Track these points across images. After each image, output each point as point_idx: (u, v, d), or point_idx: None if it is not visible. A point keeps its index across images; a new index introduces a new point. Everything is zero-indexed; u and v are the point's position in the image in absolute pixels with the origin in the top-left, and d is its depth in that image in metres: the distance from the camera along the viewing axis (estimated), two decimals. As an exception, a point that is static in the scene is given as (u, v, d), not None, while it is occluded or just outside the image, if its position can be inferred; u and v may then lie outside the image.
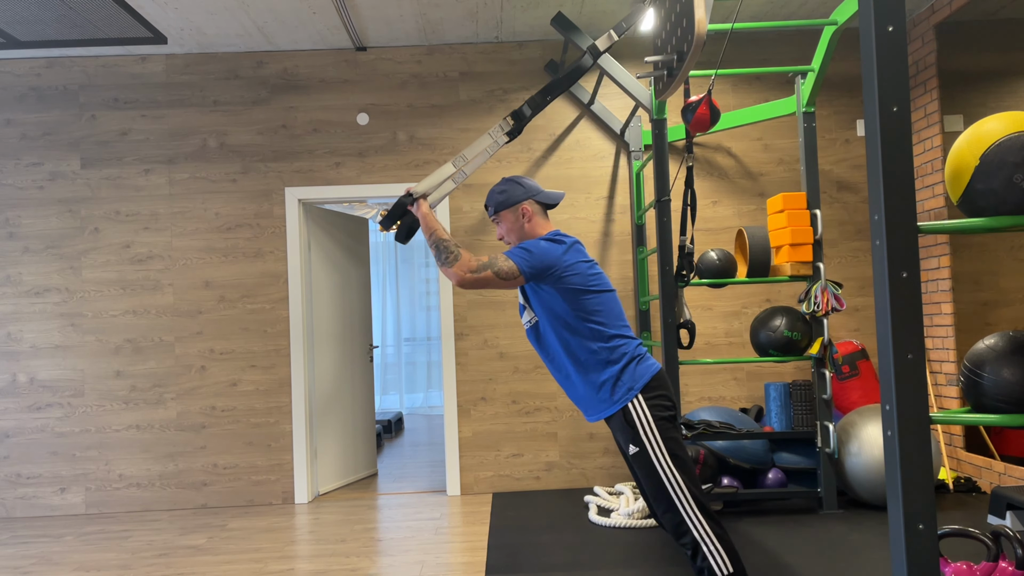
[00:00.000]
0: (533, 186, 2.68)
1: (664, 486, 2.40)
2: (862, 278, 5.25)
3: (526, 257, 2.46)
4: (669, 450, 2.42)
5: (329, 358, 5.44)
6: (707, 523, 2.38)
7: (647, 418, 2.44)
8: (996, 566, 2.47)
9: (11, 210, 5.13)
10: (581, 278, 2.49)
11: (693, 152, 3.91)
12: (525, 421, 5.15)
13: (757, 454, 4.34)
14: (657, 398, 2.48)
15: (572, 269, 2.49)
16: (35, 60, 5.16)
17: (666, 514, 2.42)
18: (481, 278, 2.43)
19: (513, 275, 2.44)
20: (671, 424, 2.47)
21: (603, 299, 2.53)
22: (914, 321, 1.67)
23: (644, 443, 2.43)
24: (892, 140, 1.68)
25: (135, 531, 4.55)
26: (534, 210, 2.65)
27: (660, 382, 2.51)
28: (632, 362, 2.50)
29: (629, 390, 2.47)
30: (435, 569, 3.59)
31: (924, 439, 1.66)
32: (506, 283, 2.46)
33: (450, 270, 2.46)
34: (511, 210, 2.65)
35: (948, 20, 4.70)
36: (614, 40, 2.92)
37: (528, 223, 2.64)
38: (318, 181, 5.20)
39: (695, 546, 2.38)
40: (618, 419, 2.48)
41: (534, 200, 2.66)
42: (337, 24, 4.84)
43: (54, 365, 5.09)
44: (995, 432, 4.49)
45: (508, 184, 2.67)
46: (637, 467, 2.46)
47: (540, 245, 2.50)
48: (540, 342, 2.61)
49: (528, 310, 2.62)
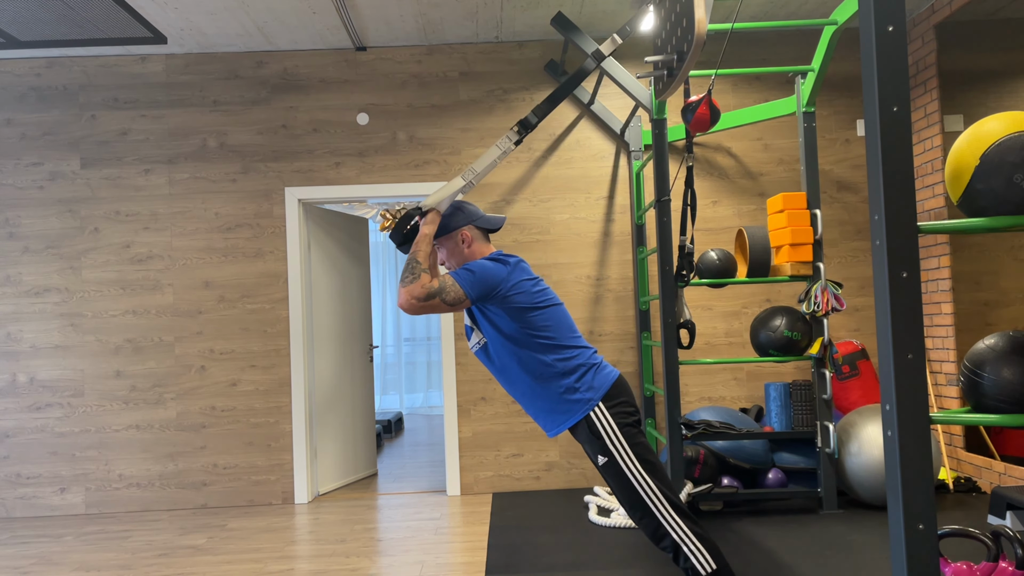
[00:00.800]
0: (474, 211, 2.67)
1: (637, 492, 2.40)
2: (862, 278, 5.25)
3: (470, 279, 2.45)
4: (638, 455, 2.42)
5: (329, 358, 5.44)
6: (684, 523, 2.38)
7: (611, 426, 2.43)
8: (996, 566, 2.47)
9: (11, 210, 5.13)
10: (526, 296, 2.49)
11: (693, 152, 3.91)
12: (525, 421, 5.15)
13: (757, 454, 4.33)
14: (619, 405, 2.47)
15: (517, 288, 2.48)
16: (35, 60, 5.16)
17: (643, 520, 2.42)
18: (427, 305, 2.41)
19: (460, 300, 2.44)
20: (636, 429, 2.47)
21: (550, 314, 2.51)
22: (914, 321, 1.67)
23: (612, 452, 2.42)
24: (892, 140, 1.68)
25: (135, 531, 4.55)
26: (474, 235, 2.63)
27: (620, 389, 2.50)
28: (588, 371, 2.48)
29: (588, 401, 2.45)
30: (435, 569, 3.59)
31: (924, 439, 1.66)
32: (453, 308, 2.45)
33: (402, 290, 2.43)
34: (450, 236, 2.63)
35: (948, 20, 4.70)
36: (618, 44, 2.92)
37: (468, 248, 2.63)
38: (318, 181, 5.20)
39: (676, 548, 2.38)
40: (583, 430, 2.47)
41: (474, 226, 2.64)
42: (337, 24, 4.84)
43: (54, 365, 5.09)
44: (995, 432, 4.49)
45: (448, 210, 2.65)
46: (608, 477, 2.45)
47: (484, 266, 2.49)
48: (492, 362, 2.60)
49: (476, 331, 2.61)
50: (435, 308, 2.43)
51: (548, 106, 2.87)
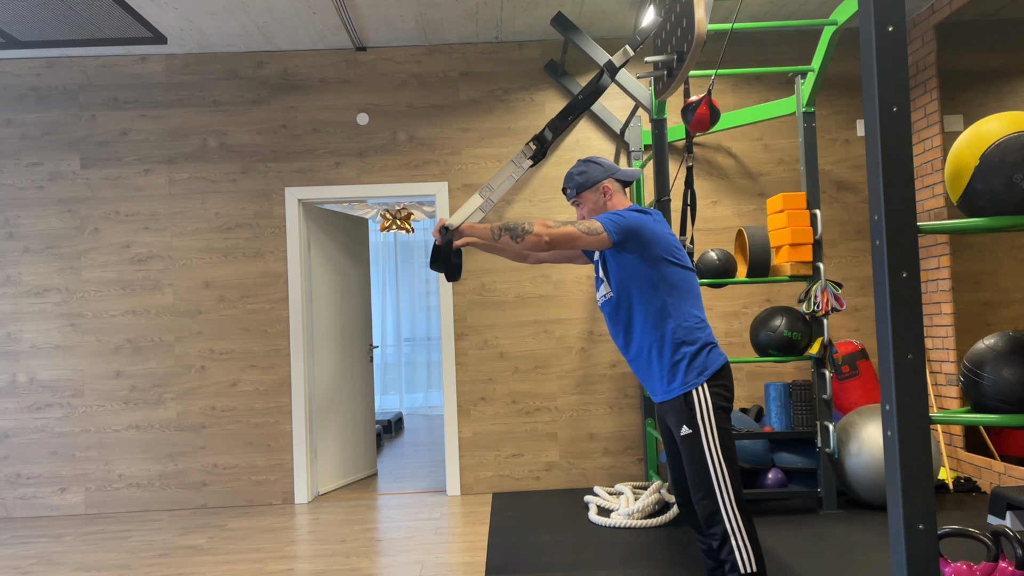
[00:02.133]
0: (611, 165, 2.67)
1: (708, 473, 2.39)
2: (862, 278, 5.25)
3: (616, 220, 2.43)
4: (720, 440, 2.41)
5: (329, 358, 5.44)
6: (742, 518, 2.37)
7: (707, 404, 2.42)
8: (996, 566, 2.47)
9: (11, 210, 5.13)
10: (666, 248, 2.48)
11: (693, 152, 3.91)
12: (525, 421, 5.15)
13: (757, 454, 4.34)
14: (720, 387, 2.46)
15: (659, 237, 2.47)
16: (35, 60, 5.16)
17: (703, 500, 2.40)
18: (565, 232, 2.38)
19: (597, 232, 2.41)
20: (727, 416, 2.46)
21: (684, 275, 2.51)
22: (914, 321, 1.66)
23: (698, 426, 2.41)
24: (892, 140, 1.68)
25: (135, 531, 4.55)
26: (615, 188, 2.65)
27: (726, 372, 2.50)
28: (705, 348, 2.47)
29: (699, 375, 2.44)
30: (435, 569, 3.59)
31: (924, 439, 1.66)
32: (590, 240, 2.41)
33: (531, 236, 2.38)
34: (592, 190, 2.64)
35: (948, 20, 4.70)
36: (630, 56, 2.91)
37: (610, 201, 2.63)
38: (318, 181, 5.20)
39: (724, 537, 2.36)
40: (677, 400, 2.46)
41: (613, 178, 2.65)
42: (337, 24, 4.84)
43: (54, 365, 5.09)
44: (995, 432, 4.49)
45: (586, 165, 2.65)
46: (685, 450, 2.44)
47: (628, 212, 2.49)
48: (615, 316, 2.57)
49: (605, 283, 2.59)
50: (572, 238, 2.39)
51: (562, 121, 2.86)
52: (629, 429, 5.17)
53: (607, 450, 5.16)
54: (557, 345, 5.17)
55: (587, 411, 5.17)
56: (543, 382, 5.17)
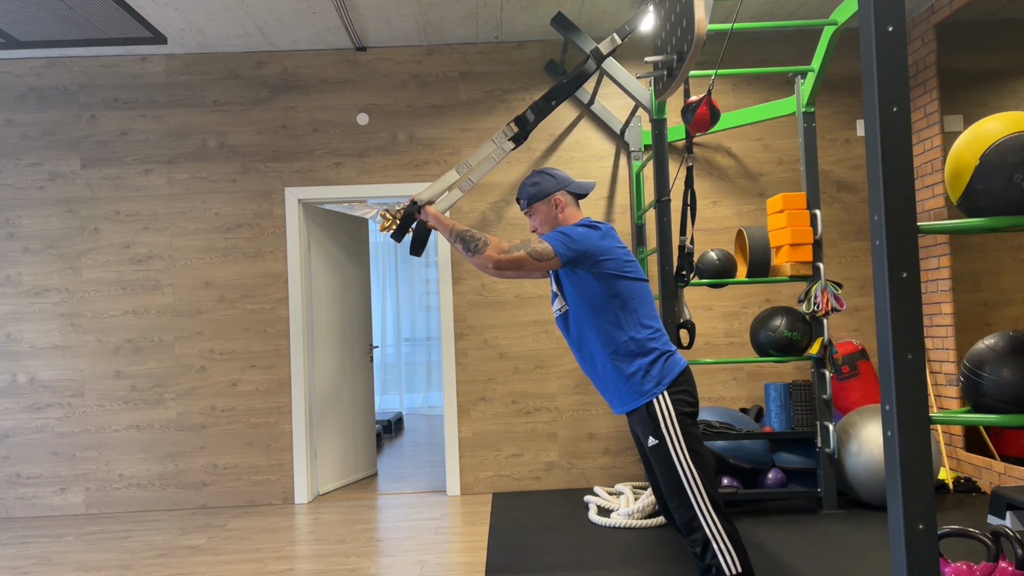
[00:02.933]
0: (564, 177, 2.68)
1: (680, 481, 2.40)
2: (862, 278, 5.25)
3: (564, 240, 2.45)
4: (688, 446, 2.42)
5: (329, 358, 5.44)
6: (720, 521, 2.38)
7: (670, 412, 2.44)
8: (996, 566, 2.47)
9: (11, 210, 5.13)
10: (617, 264, 2.49)
11: (693, 152, 3.91)
12: (525, 421, 5.15)
13: (757, 454, 4.33)
14: (681, 393, 2.47)
15: (609, 253, 2.49)
16: (35, 60, 5.16)
17: (679, 508, 2.42)
18: (515, 258, 2.42)
19: (548, 256, 2.44)
20: (692, 421, 2.47)
21: (637, 287, 2.52)
22: (914, 321, 1.67)
23: (664, 436, 2.43)
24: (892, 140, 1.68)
25: (135, 531, 4.55)
26: (566, 200, 2.66)
27: (686, 378, 2.51)
28: (661, 356, 2.49)
29: (657, 384, 2.46)
30: (435, 569, 3.59)
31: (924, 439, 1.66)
32: (541, 264, 2.45)
33: (482, 256, 2.44)
34: (544, 201, 2.65)
35: (948, 20, 4.70)
36: (617, 44, 2.92)
37: (561, 213, 2.65)
38: (318, 181, 5.20)
39: (705, 543, 2.38)
40: (640, 411, 2.48)
41: (566, 191, 2.66)
42: (337, 24, 4.84)
43: (54, 365, 5.09)
44: (995, 432, 4.49)
45: (540, 176, 2.67)
46: (654, 460, 2.45)
47: (577, 230, 2.50)
48: (570, 330, 2.60)
49: (559, 297, 2.61)
50: (523, 262, 2.43)
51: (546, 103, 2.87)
52: (629, 429, 5.17)
53: (607, 450, 5.16)
54: (557, 345, 5.17)
55: (587, 411, 5.17)
56: (543, 382, 5.17)
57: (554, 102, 2.90)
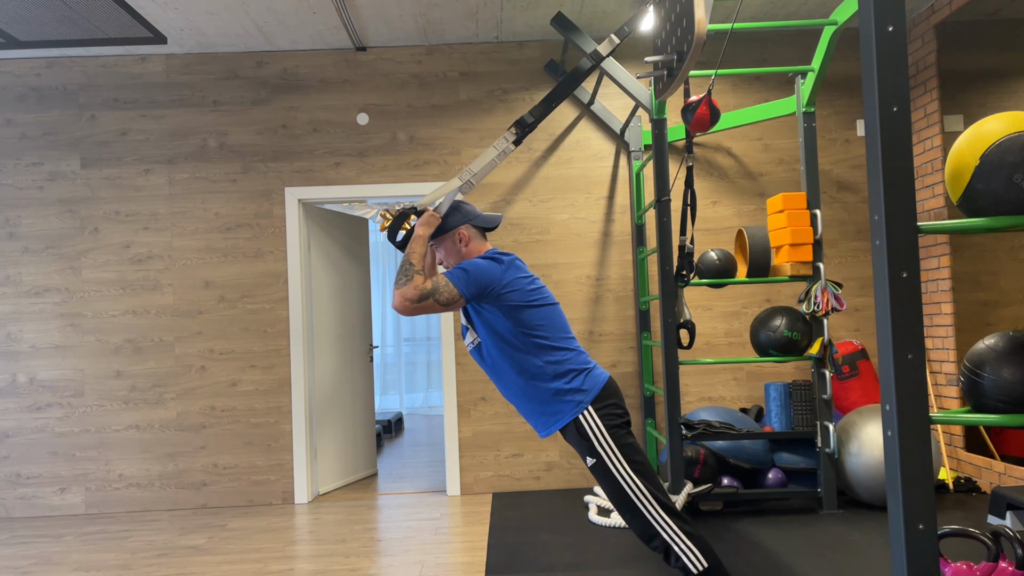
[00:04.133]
0: (471, 211, 2.69)
1: (626, 492, 2.42)
2: (862, 278, 5.25)
3: (463, 278, 2.46)
4: (626, 456, 2.44)
5: (329, 358, 5.44)
6: (674, 523, 2.40)
7: (600, 428, 2.45)
8: (996, 566, 2.47)
9: (11, 210, 5.13)
10: (521, 294, 2.50)
11: (693, 152, 3.91)
12: (525, 421, 5.14)
13: (757, 454, 4.33)
14: (608, 407, 2.49)
15: (511, 286, 2.49)
16: (35, 60, 5.16)
17: (632, 520, 2.44)
18: (421, 306, 2.42)
19: (454, 299, 2.44)
20: (625, 431, 2.48)
21: (545, 313, 2.53)
22: (914, 321, 1.67)
23: (600, 453, 2.44)
24: (892, 140, 1.68)
25: (135, 531, 4.55)
26: (471, 234, 2.65)
27: (610, 391, 2.52)
28: (579, 375, 2.50)
29: (579, 404, 2.47)
30: (435, 569, 3.59)
31: (924, 439, 1.66)
32: (447, 308, 2.46)
33: (396, 292, 2.45)
34: (448, 235, 2.65)
35: (948, 20, 4.70)
36: (616, 44, 2.92)
37: (465, 247, 2.65)
38: (318, 181, 5.20)
39: (666, 547, 2.40)
40: (572, 432, 2.49)
41: (471, 224, 2.66)
42: (337, 24, 4.84)
43: (54, 365, 5.09)
44: (995, 432, 4.49)
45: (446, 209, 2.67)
46: (597, 477, 2.47)
47: (478, 264, 2.50)
48: (485, 361, 2.61)
49: (471, 331, 2.62)
50: (429, 308, 2.44)
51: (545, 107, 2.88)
52: (629, 429, 5.16)
53: (607, 450, 5.15)
54: (557, 345, 5.16)
55: (587, 411, 5.16)
56: (543, 382, 5.16)
57: (553, 104, 2.91)
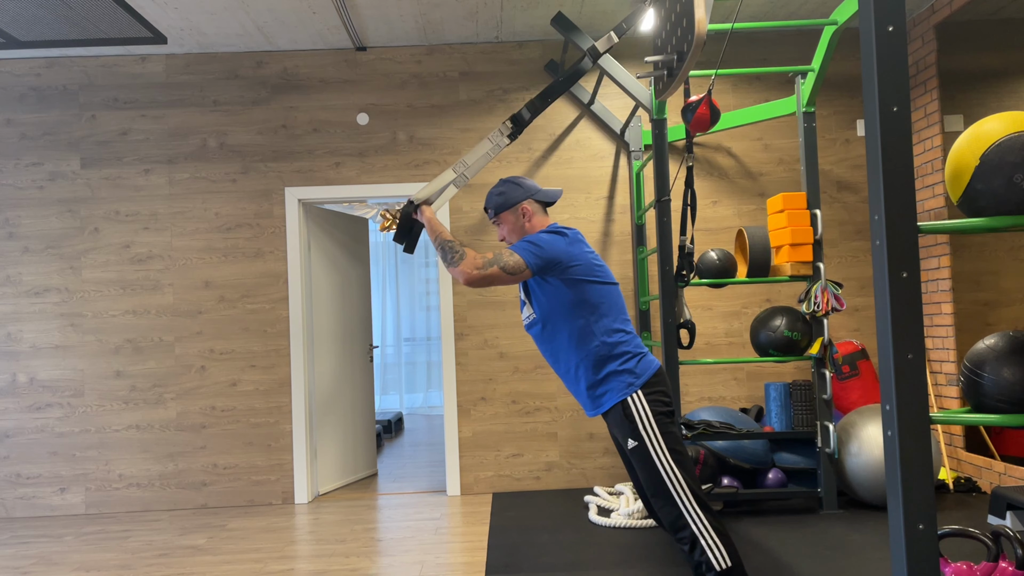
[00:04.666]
0: (532, 185, 2.70)
1: (662, 480, 2.42)
2: (862, 278, 5.25)
3: (532, 250, 2.47)
4: (668, 445, 2.44)
5: (329, 358, 5.44)
6: (705, 517, 2.39)
7: (646, 413, 2.46)
8: (996, 566, 2.47)
9: (11, 210, 5.13)
10: (585, 269, 2.51)
11: (693, 152, 3.91)
12: (525, 421, 5.15)
13: (757, 454, 4.33)
14: (656, 393, 2.49)
15: (577, 259, 2.50)
16: (35, 60, 5.16)
17: (664, 508, 2.43)
18: (488, 275, 2.45)
19: (520, 269, 2.46)
20: (669, 420, 2.49)
21: (607, 291, 2.54)
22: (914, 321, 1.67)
23: (643, 437, 2.44)
24: (892, 140, 1.68)
25: (135, 531, 4.55)
26: (534, 209, 2.67)
27: (660, 379, 2.53)
28: (633, 358, 2.51)
29: (629, 385, 2.48)
30: (435, 569, 3.59)
31: (924, 439, 1.66)
32: (513, 278, 2.47)
33: (456, 269, 2.48)
34: (511, 211, 2.67)
35: (948, 20, 4.70)
36: (614, 42, 2.93)
37: (528, 223, 2.67)
38: (318, 181, 5.20)
39: (693, 540, 2.39)
40: (616, 414, 2.49)
41: (533, 199, 2.68)
42: (337, 24, 4.84)
43: (54, 365, 5.09)
44: (995, 432, 4.49)
45: (506, 185, 2.69)
46: (635, 461, 2.47)
47: (543, 238, 2.52)
48: (541, 337, 2.62)
49: (528, 305, 2.62)
50: (496, 277, 2.45)
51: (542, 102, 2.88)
52: (629, 429, 5.16)
53: (607, 450, 5.16)
54: (557, 345, 5.17)
55: (587, 411, 5.16)
56: (543, 382, 5.17)
57: (549, 99, 2.91)
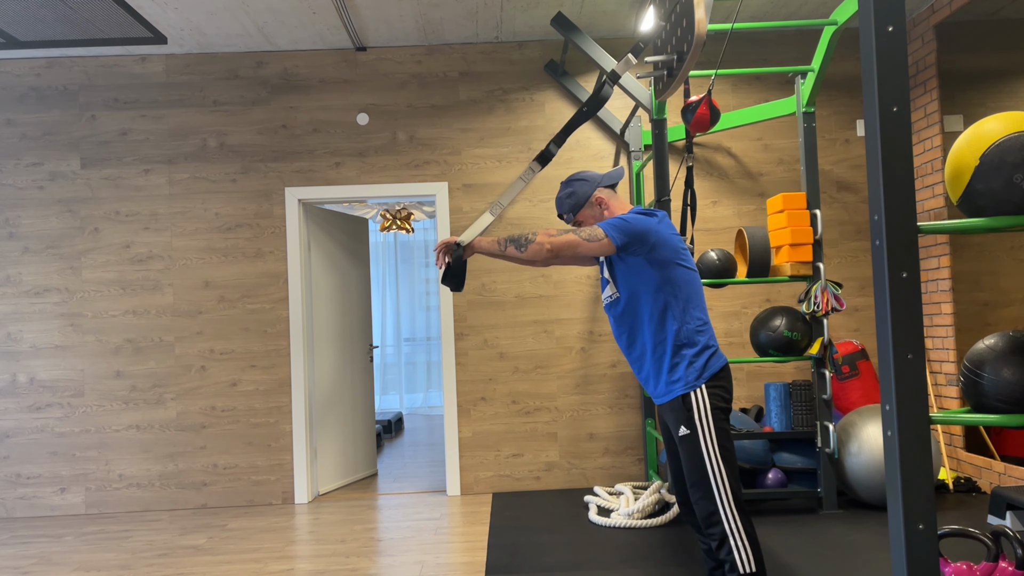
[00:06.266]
0: (593, 175, 2.67)
1: (706, 473, 2.41)
2: (862, 278, 5.25)
3: (619, 225, 2.44)
4: (719, 440, 2.43)
5: (329, 358, 5.44)
6: (740, 518, 2.38)
7: (705, 405, 2.44)
8: (996, 566, 2.47)
9: (11, 210, 5.13)
10: (672, 251, 2.49)
11: (693, 152, 3.92)
12: (525, 421, 5.15)
13: (757, 454, 4.33)
14: (719, 388, 2.48)
15: (664, 239, 2.48)
16: (35, 60, 5.16)
17: (701, 500, 2.42)
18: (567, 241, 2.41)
19: (599, 238, 2.42)
20: (725, 417, 2.47)
21: (691, 276, 2.52)
22: (914, 321, 1.66)
23: (696, 427, 2.43)
24: (892, 140, 1.68)
25: (135, 531, 4.55)
26: (607, 195, 2.65)
27: (725, 374, 2.51)
28: (707, 350, 2.49)
29: (698, 377, 2.46)
30: (435, 569, 3.59)
31: (924, 439, 1.66)
32: (592, 247, 2.43)
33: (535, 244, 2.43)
34: (587, 206, 2.65)
35: (948, 20, 4.70)
36: (632, 64, 2.91)
37: (607, 210, 2.64)
38: (318, 181, 5.20)
39: (723, 537, 2.38)
40: (676, 401, 2.47)
41: (602, 187, 2.66)
42: (337, 24, 4.84)
43: (54, 365, 5.09)
44: (995, 432, 4.49)
45: (571, 186, 2.66)
46: (683, 450, 2.45)
47: (630, 216, 2.49)
48: (620, 318, 2.58)
49: (611, 284, 2.59)
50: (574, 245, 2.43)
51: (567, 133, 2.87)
52: (629, 429, 5.17)
53: (607, 450, 5.16)
54: (557, 345, 5.17)
55: (587, 411, 5.17)
56: (543, 382, 5.17)
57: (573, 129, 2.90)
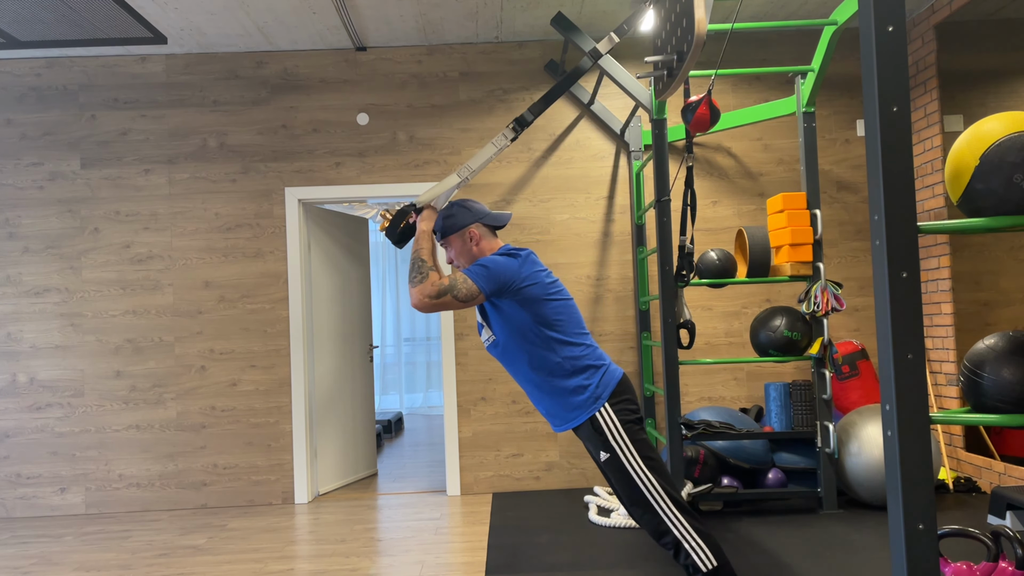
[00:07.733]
0: (480, 209, 2.67)
1: (639, 488, 2.41)
2: (862, 278, 5.25)
3: (484, 274, 2.45)
4: (640, 452, 2.43)
5: (329, 358, 5.44)
6: (686, 520, 2.39)
7: (615, 423, 2.45)
8: (996, 566, 2.47)
9: (11, 210, 5.13)
10: (540, 288, 2.49)
11: (693, 152, 3.91)
12: (525, 421, 5.15)
13: (757, 454, 4.33)
14: (623, 402, 2.48)
15: (530, 280, 2.49)
16: (35, 60, 5.16)
17: (644, 516, 2.43)
18: (439, 303, 2.43)
19: (473, 296, 2.44)
20: (639, 427, 2.48)
21: (562, 307, 2.52)
22: (914, 321, 1.66)
23: (614, 448, 2.44)
24: (892, 140, 1.68)
25: (135, 531, 4.55)
26: (481, 233, 2.64)
27: (624, 387, 2.52)
28: (596, 371, 2.50)
29: (596, 399, 2.47)
30: (435, 569, 3.59)
31: (924, 439, 1.66)
32: (466, 304, 2.46)
33: (412, 290, 2.46)
34: (458, 235, 2.64)
35: (948, 20, 4.70)
36: (615, 43, 2.93)
37: (476, 247, 2.63)
38: (318, 181, 5.20)
39: (676, 544, 2.39)
40: (586, 428, 2.49)
41: (481, 223, 2.65)
42: (337, 24, 4.84)
43: (54, 365, 5.09)
44: (995, 432, 4.49)
45: (455, 208, 2.66)
46: (610, 472, 2.47)
47: (496, 260, 2.49)
48: (504, 357, 2.60)
49: (486, 328, 2.61)
50: (448, 305, 2.44)
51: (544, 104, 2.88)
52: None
53: (607, 450, 5.15)
54: (557, 345, 5.17)
55: (587, 411, 5.16)
56: (543, 382, 5.16)
57: (551, 100, 2.92)
